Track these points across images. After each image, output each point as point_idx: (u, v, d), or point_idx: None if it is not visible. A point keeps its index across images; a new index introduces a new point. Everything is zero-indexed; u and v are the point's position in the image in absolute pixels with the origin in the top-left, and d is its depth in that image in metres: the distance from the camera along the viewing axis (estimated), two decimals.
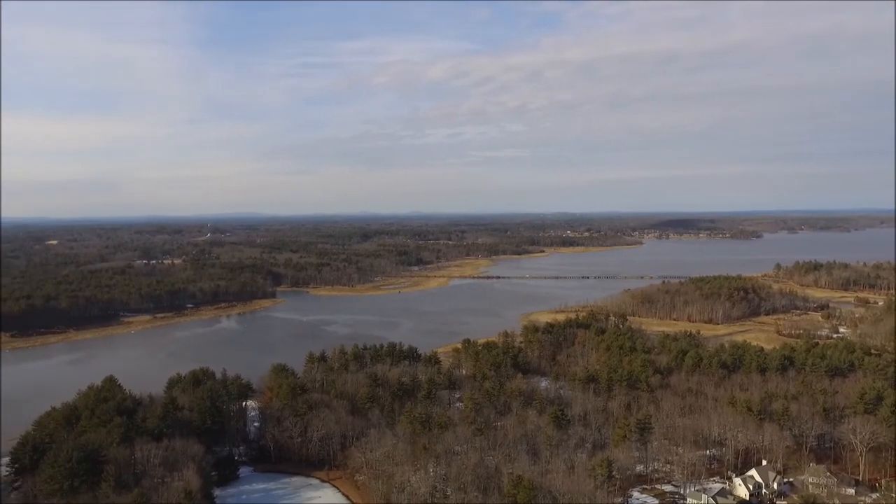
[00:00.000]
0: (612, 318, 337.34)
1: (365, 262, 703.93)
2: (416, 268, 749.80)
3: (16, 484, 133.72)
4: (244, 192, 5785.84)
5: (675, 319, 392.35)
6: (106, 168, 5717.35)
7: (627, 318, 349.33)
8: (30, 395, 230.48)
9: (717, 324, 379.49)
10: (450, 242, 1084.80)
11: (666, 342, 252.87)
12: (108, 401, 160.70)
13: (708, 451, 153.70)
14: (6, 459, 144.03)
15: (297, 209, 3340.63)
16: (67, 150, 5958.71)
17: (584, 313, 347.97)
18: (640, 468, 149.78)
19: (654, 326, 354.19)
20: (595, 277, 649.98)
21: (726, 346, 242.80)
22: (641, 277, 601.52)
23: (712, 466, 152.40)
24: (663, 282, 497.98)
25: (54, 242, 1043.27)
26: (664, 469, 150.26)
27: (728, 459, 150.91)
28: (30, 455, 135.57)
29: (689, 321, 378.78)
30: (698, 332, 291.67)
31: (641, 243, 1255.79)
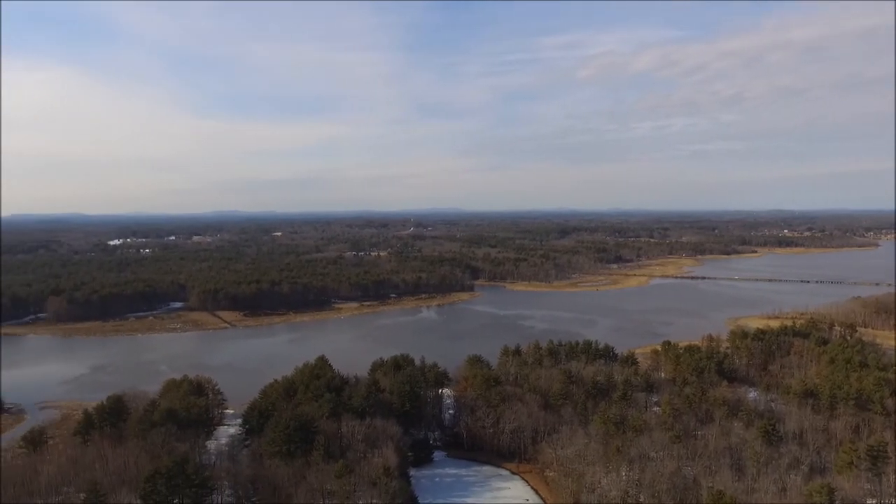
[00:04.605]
0: (836, 327, 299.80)
1: (562, 259, 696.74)
2: (614, 265, 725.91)
3: (246, 442, 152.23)
4: (445, 188, 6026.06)
5: None
6: (322, 167, 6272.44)
7: (857, 328, 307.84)
8: (259, 366, 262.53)
9: None
10: (651, 240, 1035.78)
11: None
12: (319, 378, 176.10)
13: None
14: (239, 420, 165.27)
15: (496, 205, 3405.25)
16: (290, 151, 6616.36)
17: (802, 321, 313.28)
18: (871, 503, 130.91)
19: (892, 341, 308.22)
20: (816, 282, 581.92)
21: None
22: (876, 284, 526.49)
23: None
24: None
25: (279, 234, 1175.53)
26: None
27: None
28: (256, 419, 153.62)
29: None
30: None
31: (877, 245, 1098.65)
